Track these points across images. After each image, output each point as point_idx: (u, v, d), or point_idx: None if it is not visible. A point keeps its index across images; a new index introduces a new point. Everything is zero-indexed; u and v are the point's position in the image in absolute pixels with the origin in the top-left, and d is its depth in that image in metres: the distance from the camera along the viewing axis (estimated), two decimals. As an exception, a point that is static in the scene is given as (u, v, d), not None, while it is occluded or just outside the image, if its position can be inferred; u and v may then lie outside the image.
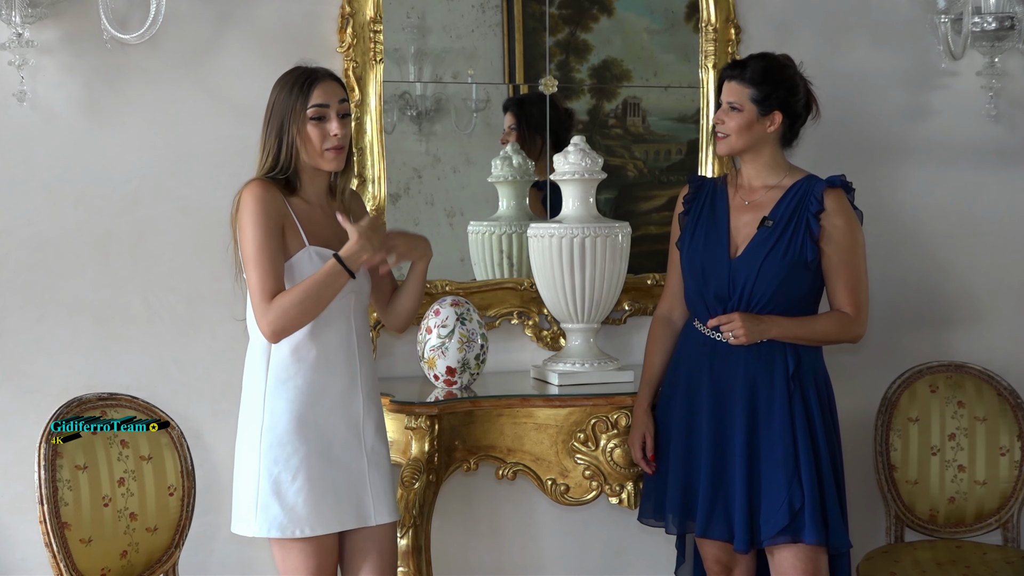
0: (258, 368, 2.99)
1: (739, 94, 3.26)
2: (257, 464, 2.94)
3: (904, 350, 4.19)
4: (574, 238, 3.55)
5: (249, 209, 2.90)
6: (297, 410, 2.94)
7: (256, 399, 2.98)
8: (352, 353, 3.02)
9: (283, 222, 2.93)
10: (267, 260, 2.89)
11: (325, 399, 2.98)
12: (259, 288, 2.89)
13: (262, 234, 2.89)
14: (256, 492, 2.94)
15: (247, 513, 2.96)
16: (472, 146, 3.93)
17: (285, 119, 2.95)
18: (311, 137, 2.95)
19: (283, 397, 2.95)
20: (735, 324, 3.20)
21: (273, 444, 2.94)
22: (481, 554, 3.96)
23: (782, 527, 3.18)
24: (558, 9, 3.94)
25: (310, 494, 2.93)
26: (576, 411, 3.54)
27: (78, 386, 3.43)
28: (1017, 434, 3.93)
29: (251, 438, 2.97)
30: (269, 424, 2.95)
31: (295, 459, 2.93)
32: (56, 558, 3.18)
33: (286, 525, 2.93)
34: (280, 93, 2.98)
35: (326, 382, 2.98)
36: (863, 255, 3.30)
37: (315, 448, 2.95)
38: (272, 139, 2.97)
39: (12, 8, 3.26)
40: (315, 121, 2.95)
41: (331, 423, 2.98)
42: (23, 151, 3.46)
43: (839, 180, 3.29)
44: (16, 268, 3.47)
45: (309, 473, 2.93)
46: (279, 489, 2.93)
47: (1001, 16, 4.01)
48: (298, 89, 2.95)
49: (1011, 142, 4.32)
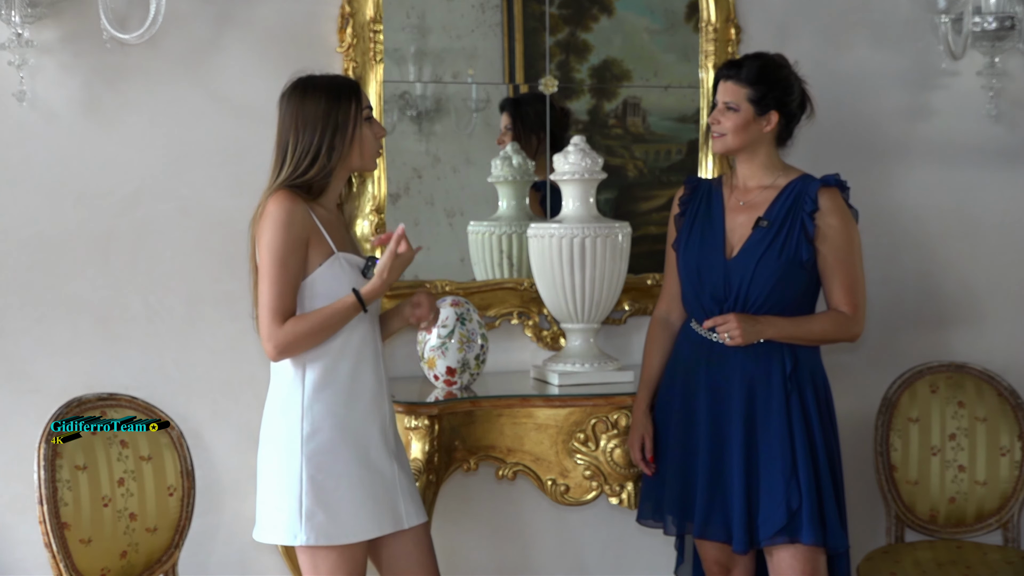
0: (294, 375, 2.94)
1: (736, 94, 3.26)
2: (299, 472, 2.90)
3: (904, 350, 4.19)
4: (574, 238, 3.55)
5: (275, 221, 2.88)
6: (340, 418, 2.93)
7: (293, 406, 2.93)
8: (378, 355, 3.02)
9: (309, 234, 2.91)
10: (284, 279, 2.88)
11: (361, 402, 2.96)
12: (271, 306, 2.87)
13: (284, 251, 2.87)
14: (299, 500, 2.89)
15: (288, 522, 2.90)
16: (472, 146, 3.93)
17: (342, 123, 2.93)
18: (368, 138, 2.97)
19: (325, 405, 2.92)
20: (731, 325, 3.20)
21: (316, 451, 2.90)
22: (481, 554, 3.96)
23: (780, 527, 3.17)
24: (558, 9, 3.94)
25: (352, 501, 2.91)
26: (576, 411, 3.54)
27: (78, 386, 3.43)
28: (1017, 434, 3.93)
29: (290, 446, 2.91)
30: (310, 431, 2.91)
31: (339, 465, 2.91)
32: (56, 558, 3.18)
33: (333, 533, 2.90)
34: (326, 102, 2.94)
35: (362, 386, 2.97)
36: (859, 254, 3.30)
37: (355, 453, 2.93)
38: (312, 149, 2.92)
39: (12, 8, 3.26)
40: (368, 122, 2.99)
41: (367, 427, 2.97)
42: (23, 151, 3.46)
43: (833, 179, 3.28)
44: (16, 268, 3.47)
45: (351, 479, 2.92)
46: (324, 497, 2.90)
47: (1001, 16, 4.01)
48: (352, 93, 2.96)
49: (1011, 142, 4.32)
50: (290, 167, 2.93)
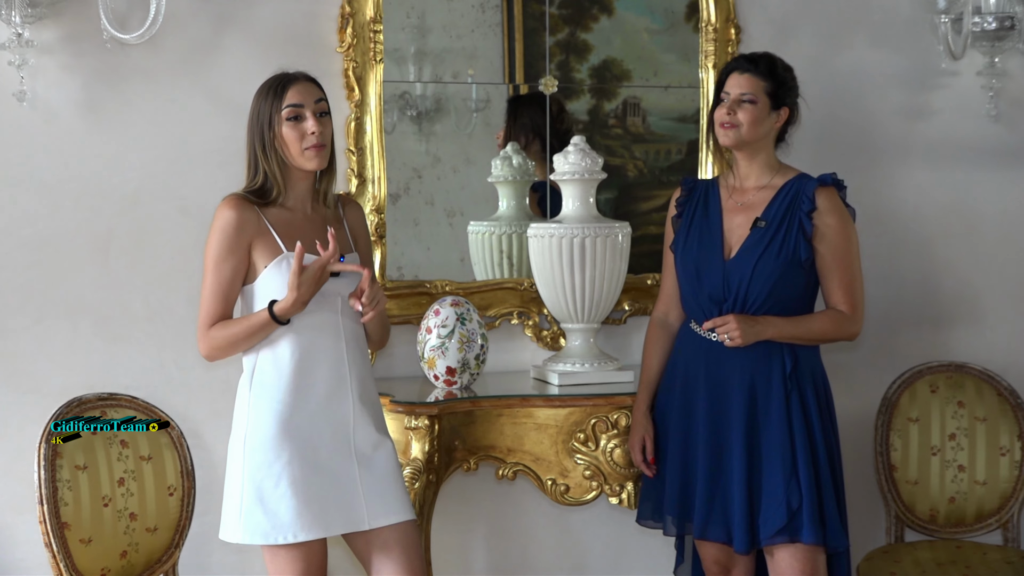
0: (245, 374, 3.00)
1: (754, 86, 3.26)
2: (241, 471, 2.94)
3: (904, 350, 4.20)
4: (574, 238, 3.55)
5: (213, 228, 2.96)
6: (280, 415, 2.93)
7: (242, 405, 2.99)
8: (340, 355, 3.00)
9: (252, 239, 2.95)
10: (216, 284, 2.95)
11: (309, 403, 2.96)
12: (202, 311, 2.97)
13: (219, 258, 2.94)
14: (240, 499, 2.94)
15: (232, 520, 2.96)
16: (472, 146, 3.93)
17: (264, 124, 2.97)
18: (289, 138, 2.96)
19: (265, 402, 2.94)
20: (731, 326, 3.20)
21: (256, 450, 2.93)
22: (481, 554, 3.96)
23: (780, 527, 3.18)
24: (558, 9, 3.94)
25: (292, 500, 2.91)
26: (576, 411, 3.54)
27: (78, 386, 3.43)
28: (1017, 434, 3.93)
29: (237, 444, 2.98)
30: (252, 430, 2.95)
31: (277, 465, 2.92)
32: (56, 558, 3.18)
33: (269, 532, 2.92)
34: (257, 101, 3.01)
35: (310, 386, 2.96)
36: (857, 252, 3.30)
37: (298, 453, 2.93)
38: (254, 147, 2.99)
39: (12, 8, 3.26)
40: (291, 122, 2.96)
41: (316, 427, 2.96)
42: (23, 151, 3.46)
43: (830, 178, 3.29)
44: (16, 268, 3.47)
45: (292, 479, 2.92)
46: (262, 495, 2.92)
47: (1001, 16, 4.01)
48: (272, 93, 2.98)
49: (1011, 142, 4.32)
50: (246, 170, 3.02)
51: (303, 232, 2.99)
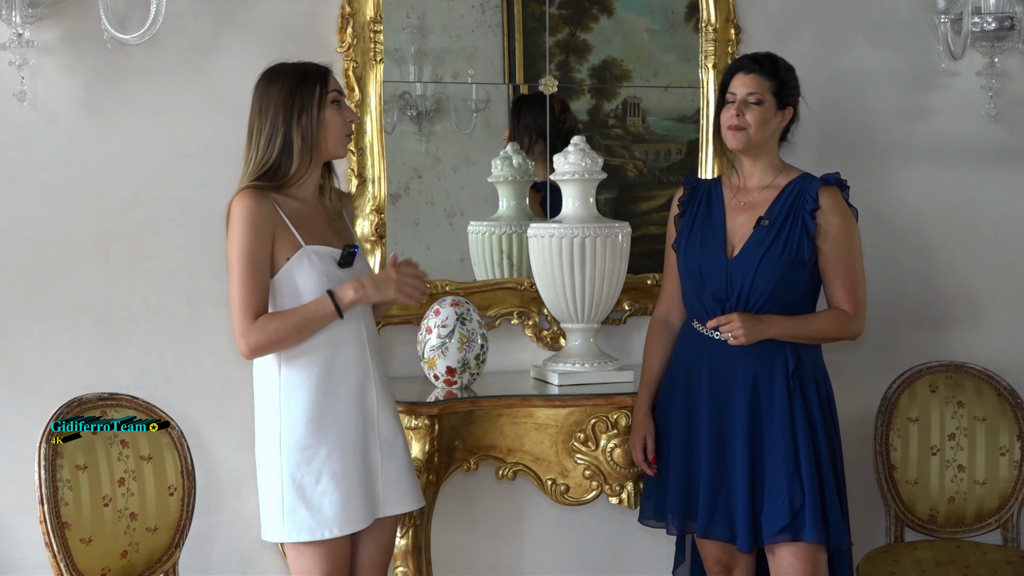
0: (270, 373, 2.97)
1: (761, 86, 3.26)
2: (280, 470, 2.93)
3: (904, 350, 4.20)
4: (574, 238, 3.55)
5: (239, 220, 2.90)
6: (314, 411, 2.93)
7: (271, 404, 2.96)
8: (363, 345, 3.01)
9: (274, 230, 2.93)
10: (254, 276, 2.90)
11: (340, 396, 2.96)
12: (242, 305, 2.89)
13: (250, 248, 2.89)
14: (281, 498, 2.93)
15: (275, 520, 2.95)
16: (472, 146, 3.93)
17: (305, 108, 2.94)
18: (334, 123, 2.96)
19: (297, 401, 2.93)
20: (734, 324, 3.20)
21: (293, 450, 2.93)
22: (481, 554, 3.96)
23: (782, 525, 3.18)
24: (558, 9, 3.94)
25: (335, 494, 2.92)
26: (576, 411, 3.54)
27: (78, 386, 3.43)
28: (1017, 434, 3.93)
29: (271, 444, 2.96)
30: (287, 430, 2.93)
31: (316, 462, 2.93)
32: (56, 558, 3.18)
33: (315, 528, 2.92)
34: (289, 85, 2.95)
35: (340, 379, 2.97)
36: (860, 252, 3.30)
37: (336, 447, 2.94)
38: (277, 133, 2.93)
39: (12, 8, 3.26)
40: (335, 105, 2.98)
41: (348, 419, 2.97)
42: (23, 151, 3.46)
43: (834, 178, 3.29)
44: (16, 268, 3.47)
45: (332, 473, 2.93)
46: (304, 493, 2.92)
47: (1001, 16, 4.01)
48: (314, 78, 2.96)
49: (1010, 142, 4.32)
50: (255, 153, 2.95)
51: (315, 224, 3.00)
